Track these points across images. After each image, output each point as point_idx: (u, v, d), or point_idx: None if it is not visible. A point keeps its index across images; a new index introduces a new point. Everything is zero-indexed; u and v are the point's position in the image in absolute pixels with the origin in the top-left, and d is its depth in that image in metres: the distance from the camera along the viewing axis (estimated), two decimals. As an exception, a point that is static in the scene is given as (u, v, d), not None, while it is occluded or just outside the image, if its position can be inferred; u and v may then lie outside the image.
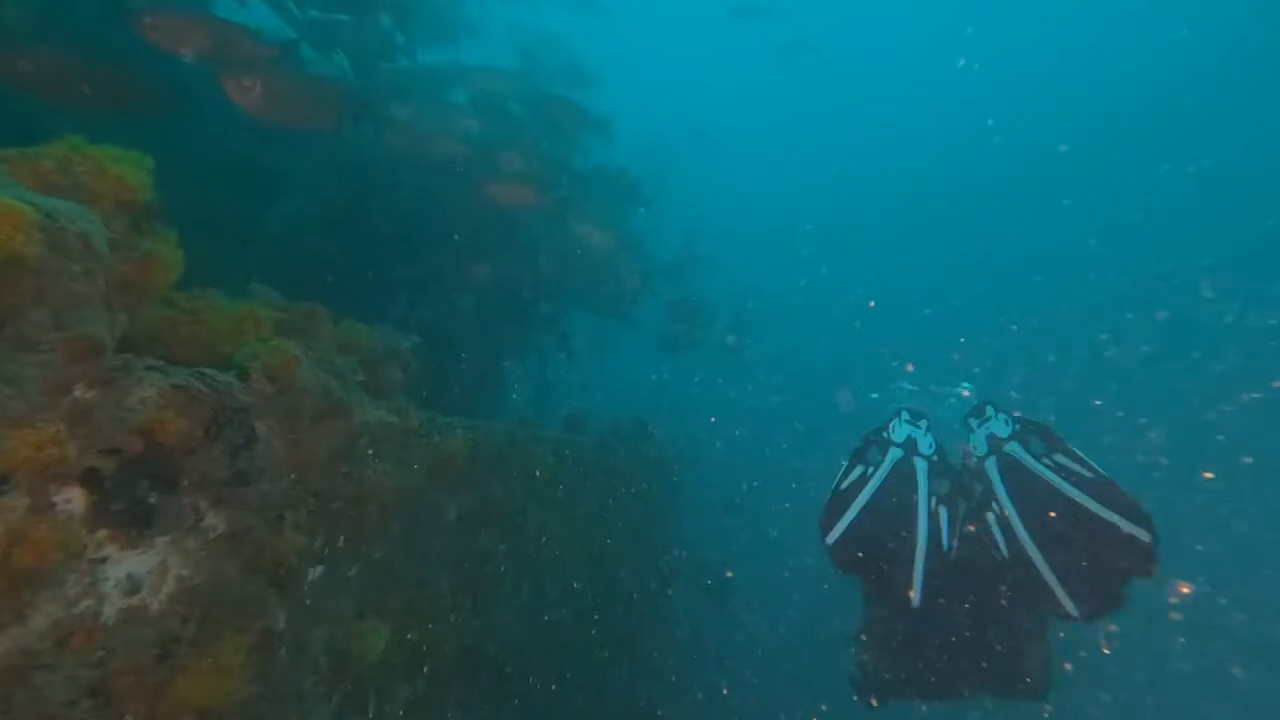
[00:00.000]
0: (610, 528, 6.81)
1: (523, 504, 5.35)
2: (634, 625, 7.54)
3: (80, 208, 1.99)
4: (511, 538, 5.26)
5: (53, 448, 2.09)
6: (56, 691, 2.20)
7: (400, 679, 4.09)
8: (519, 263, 7.21)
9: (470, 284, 6.99)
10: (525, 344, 8.53)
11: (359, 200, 5.81)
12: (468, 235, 6.68)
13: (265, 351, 2.95)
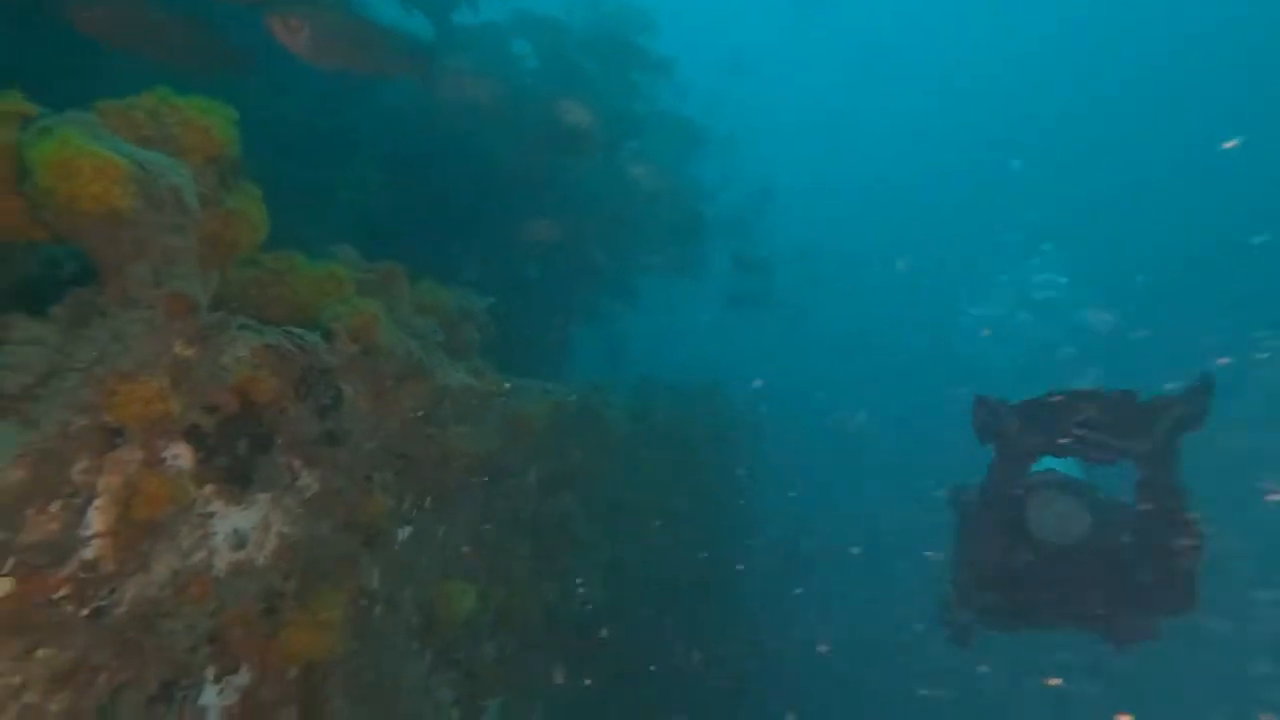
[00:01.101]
0: (684, 491, 6.76)
1: (598, 468, 5.33)
2: (708, 590, 7.52)
3: (171, 161, 1.98)
4: (588, 501, 5.27)
5: (159, 403, 2.14)
6: (180, 638, 2.30)
7: (487, 638, 4.19)
8: (581, 218, 7.10)
9: (535, 244, 6.94)
10: (592, 307, 8.48)
11: (426, 163, 5.82)
12: (530, 193, 6.61)
13: (347, 312, 2.96)
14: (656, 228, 7.64)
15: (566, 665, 5.00)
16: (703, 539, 7.17)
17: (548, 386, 4.56)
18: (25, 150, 1.71)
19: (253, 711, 2.66)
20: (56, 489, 1.99)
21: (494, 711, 4.18)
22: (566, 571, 5.03)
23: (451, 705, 3.64)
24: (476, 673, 3.98)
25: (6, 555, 1.85)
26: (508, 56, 6.34)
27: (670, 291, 10.18)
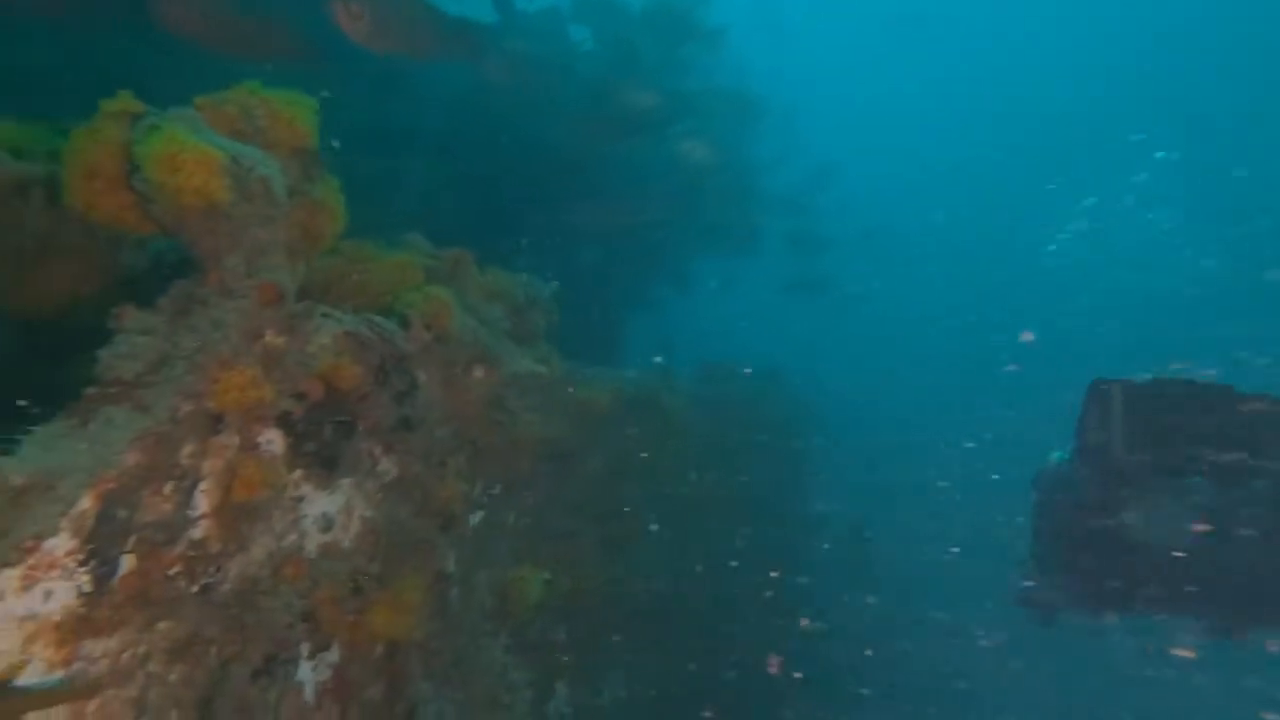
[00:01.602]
0: (744, 477, 6.69)
1: (660, 454, 5.33)
2: (770, 574, 7.45)
3: (260, 153, 2.05)
4: (650, 488, 5.28)
5: (254, 389, 2.23)
6: (278, 616, 2.42)
7: (558, 622, 4.26)
8: (634, 201, 7.06)
9: (588, 228, 6.95)
10: (646, 292, 8.45)
11: (483, 149, 5.90)
12: (584, 177, 6.60)
13: (420, 299, 3.02)
14: (710, 207, 7.53)
15: (632, 650, 5.05)
16: (765, 525, 7.10)
17: (611, 373, 4.58)
18: (135, 147, 1.80)
19: (344, 687, 2.78)
20: (168, 472, 2.11)
21: (562, 694, 4.26)
22: (631, 557, 5.07)
23: (526, 687, 3.73)
24: (548, 656, 4.06)
25: (128, 534, 1.98)
26: (565, 40, 6.34)
27: (725, 276, 10.05)
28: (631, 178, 6.85)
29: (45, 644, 1.74)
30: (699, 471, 5.91)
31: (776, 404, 7.74)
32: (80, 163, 1.83)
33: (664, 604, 5.47)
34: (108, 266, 2.34)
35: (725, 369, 7.16)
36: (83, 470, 1.83)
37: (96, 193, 1.86)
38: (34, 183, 2.04)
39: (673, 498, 5.54)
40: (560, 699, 4.20)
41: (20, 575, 1.67)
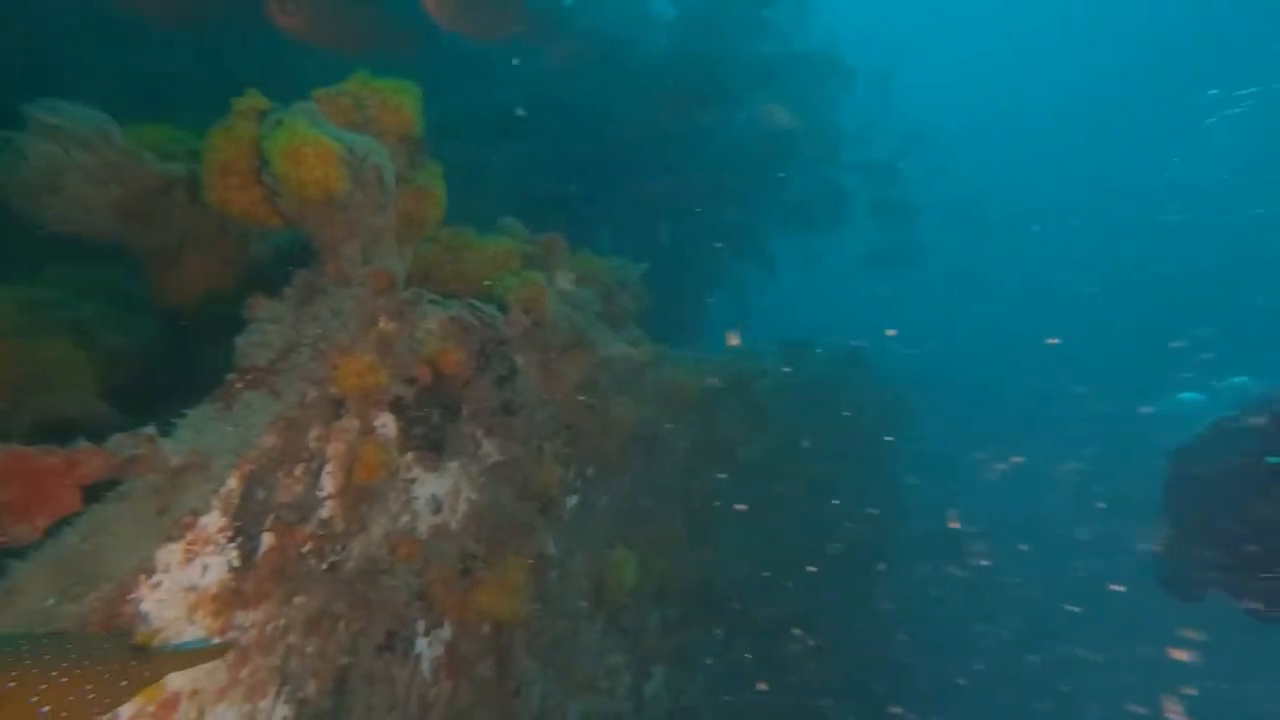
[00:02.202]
0: (831, 461, 6.51)
1: (747, 437, 5.25)
2: (857, 561, 7.26)
3: (373, 142, 2.10)
4: (737, 472, 5.21)
5: (371, 375, 2.32)
6: (397, 593, 2.53)
7: (651, 607, 4.28)
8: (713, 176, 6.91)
9: (666, 206, 6.87)
10: (725, 271, 8.31)
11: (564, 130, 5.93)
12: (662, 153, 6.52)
13: (518, 284, 3.06)
14: (794, 178, 7.28)
15: (723, 636, 5.03)
16: (852, 510, 6.90)
17: (699, 355, 4.52)
18: (263, 142, 1.88)
19: (456, 663, 2.90)
20: (298, 454, 2.23)
21: (659, 678, 4.29)
22: (719, 543, 5.03)
23: (624, 671, 3.78)
24: (643, 640, 4.10)
25: (267, 512, 2.11)
26: (643, 13, 6.26)
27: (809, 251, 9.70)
28: (712, 151, 6.71)
29: (205, 613, 1.87)
30: (787, 455, 5.78)
31: (864, 385, 7.47)
32: (216, 160, 1.93)
33: (753, 590, 5.42)
34: (237, 259, 2.48)
35: (809, 349, 6.96)
36: (229, 452, 1.95)
37: (231, 188, 1.96)
38: (177, 182, 2.18)
39: (761, 482, 5.45)
40: (657, 682, 4.23)
41: (183, 549, 1.80)
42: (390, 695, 2.47)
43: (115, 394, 2.69)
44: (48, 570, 1.56)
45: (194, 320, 2.54)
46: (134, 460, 1.71)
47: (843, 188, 7.84)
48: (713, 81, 5.72)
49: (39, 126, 1.83)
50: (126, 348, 2.67)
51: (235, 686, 1.96)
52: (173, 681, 1.77)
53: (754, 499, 5.47)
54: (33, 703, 1.17)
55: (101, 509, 1.70)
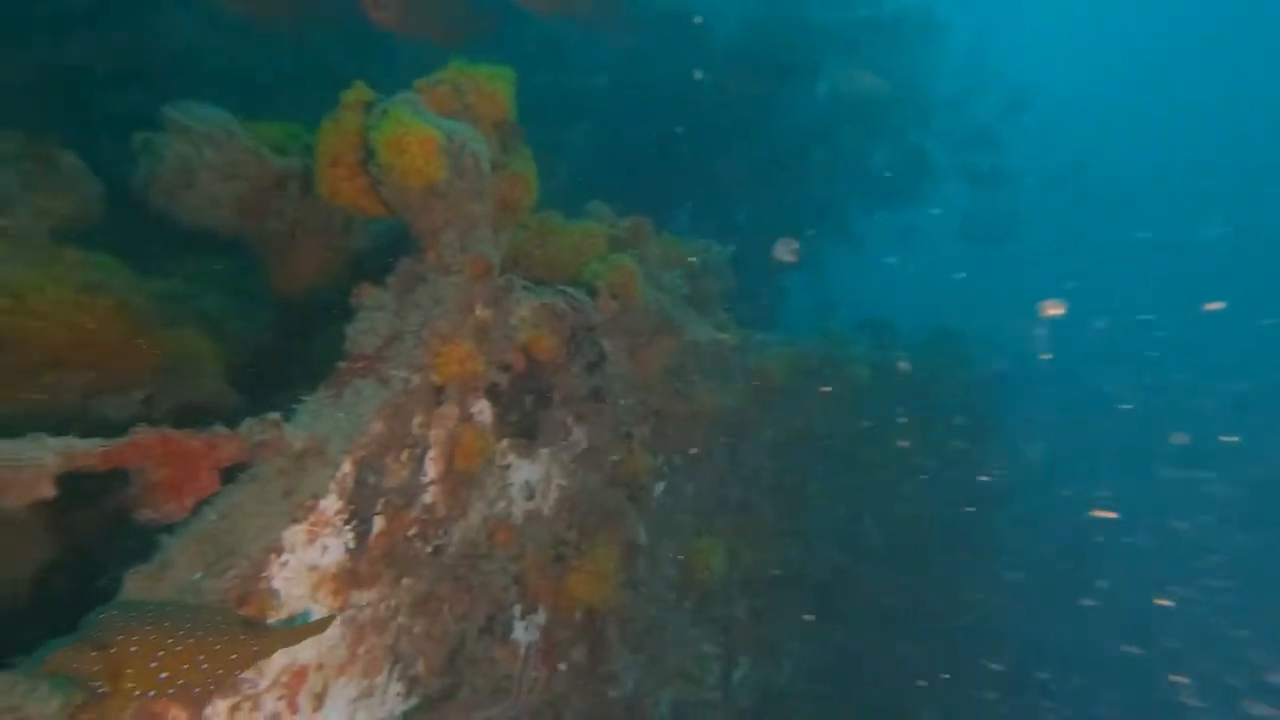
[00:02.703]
0: (926, 447, 6.22)
1: (837, 423, 5.08)
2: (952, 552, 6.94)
3: (470, 129, 2.12)
4: (826, 459, 5.07)
5: (470, 362, 2.36)
6: (496, 578, 2.59)
7: (739, 596, 4.24)
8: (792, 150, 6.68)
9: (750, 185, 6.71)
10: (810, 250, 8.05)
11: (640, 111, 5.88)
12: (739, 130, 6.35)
13: (607, 269, 3.04)
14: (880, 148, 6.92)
15: (811, 624, 4.92)
16: (948, 500, 6.59)
17: (786, 339, 4.39)
18: (369, 133, 1.93)
19: (551, 648, 2.95)
20: (403, 440, 2.31)
21: (746, 667, 4.25)
22: (807, 532, 4.91)
23: (714, 660, 3.76)
24: (731, 630, 4.06)
25: (377, 497, 2.19)
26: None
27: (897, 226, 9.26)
28: (791, 125, 6.48)
29: (325, 592, 1.97)
30: (878, 442, 5.57)
31: (959, 368, 7.08)
32: (326, 151, 1.99)
33: (840, 580, 5.27)
34: (341, 248, 2.58)
35: (897, 331, 6.66)
36: (343, 437, 2.04)
37: (339, 179, 2.03)
38: (292, 176, 2.28)
39: (850, 469, 5.27)
40: (744, 671, 4.19)
41: (306, 531, 1.90)
42: (492, 677, 2.54)
43: (234, 378, 2.88)
44: (193, 546, 1.67)
45: (303, 308, 2.67)
46: (262, 445, 1.81)
47: (930, 157, 7.39)
48: (790, 51, 5.49)
49: (174, 127, 1.95)
50: (244, 335, 2.85)
51: (354, 662, 2.05)
52: (302, 655, 1.87)
53: (845, 488, 5.31)
54: (152, 667, 1.26)
55: (235, 490, 1.80)
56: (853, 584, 5.42)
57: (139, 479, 1.59)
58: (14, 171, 2.30)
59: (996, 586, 7.53)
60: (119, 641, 1.24)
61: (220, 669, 1.36)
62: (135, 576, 1.60)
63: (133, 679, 1.25)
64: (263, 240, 2.39)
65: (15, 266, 2.15)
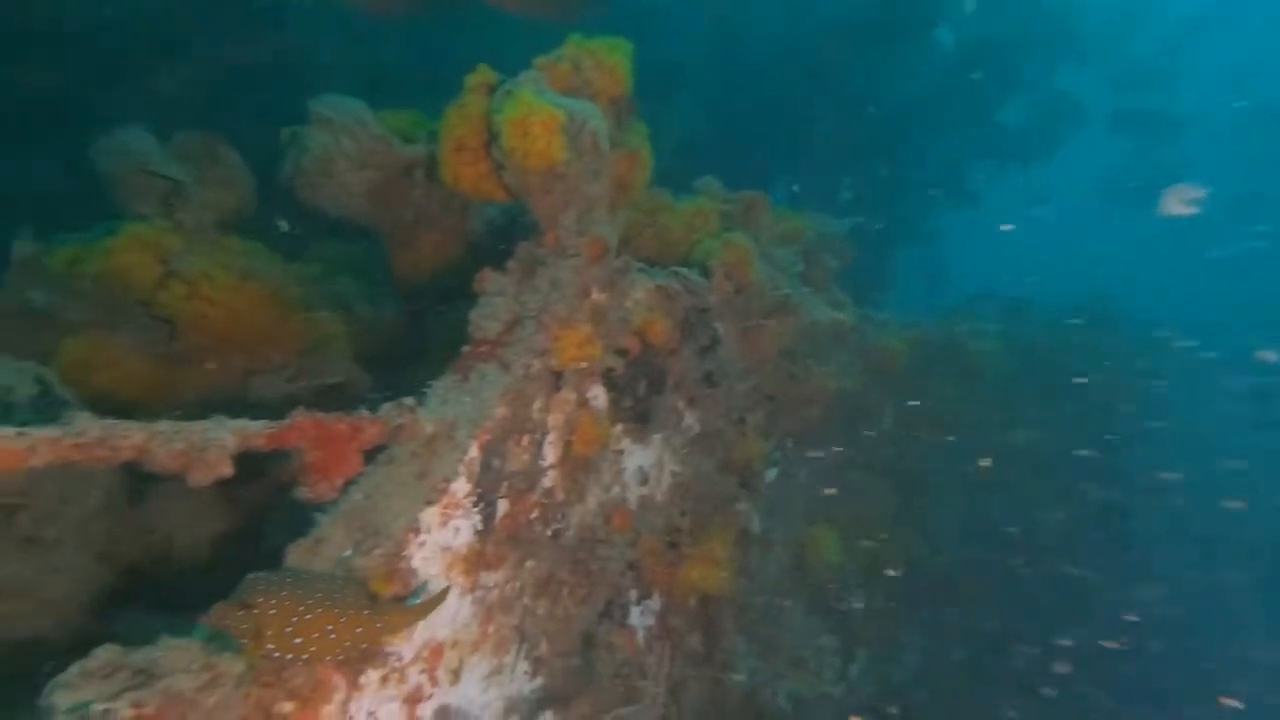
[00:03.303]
0: (1063, 431, 5.71)
1: (962, 406, 4.75)
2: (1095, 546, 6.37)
3: (590, 106, 2.10)
4: (950, 444, 4.76)
5: (588, 346, 2.37)
6: (612, 563, 2.62)
7: (856, 585, 4.09)
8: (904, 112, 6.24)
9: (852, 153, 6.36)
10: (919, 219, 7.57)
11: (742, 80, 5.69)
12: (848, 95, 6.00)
13: (720, 248, 2.96)
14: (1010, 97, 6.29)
15: (933, 618, 4.69)
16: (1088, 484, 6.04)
17: (909, 318, 4.13)
18: (493, 115, 1.95)
19: (667, 634, 2.97)
20: (524, 425, 2.36)
21: (864, 662, 4.11)
22: (930, 522, 4.66)
23: (832, 652, 3.66)
24: (849, 622, 3.93)
25: (501, 480, 2.26)
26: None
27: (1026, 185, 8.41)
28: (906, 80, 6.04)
29: (458, 572, 2.06)
30: (1008, 426, 5.17)
31: (1100, 346, 6.42)
32: (450, 136, 2.04)
33: (967, 574, 4.98)
34: (459, 234, 2.66)
35: (1029, 306, 6.11)
36: (469, 421, 2.11)
37: (462, 164, 2.07)
38: (417, 163, 2.37)
39: (976, 456, 4.93)
40: (861, 664, 4.05)
41: (439, 512, 1.98)
42: (611, 661, 2.58)
43: (361, 359, 3.08)
44: (342, 524, 1.79)
45: (423, 291, 2.79)
46: (399, 429, 1.89)
47: (1077, 102, 6.61)
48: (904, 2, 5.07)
49: (317, 119, 2.06)
50: (371, 317, 3.03)
51: (485, 641, 2.14)
52: (439, 632, 1.97)
53: (969, 475, 4.98)
54: (287, 631, 1.35)
55: (376, 471, 1.91)
56: (980, 578, 5.11)
57: (297, 460, 1.71)
58: (191, 169, 2.54)
59: (1143, 593, 6.86)
60: (260, 603, 1.35)
61: (347, 640, 1.45)
62: (295, 550, 1.73)
63: (272, 639, 1.35)
64: (389, 227, 2.50)
65: (190, 257, 2.38)
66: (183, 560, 2.64)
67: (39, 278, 2.65)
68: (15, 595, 2.08)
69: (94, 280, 2.61)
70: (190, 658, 1.46)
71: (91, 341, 2.63)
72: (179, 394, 2.78)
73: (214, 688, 1.43)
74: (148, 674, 1.42)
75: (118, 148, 2.66)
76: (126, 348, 2.66)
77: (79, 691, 1.38)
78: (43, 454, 1.32)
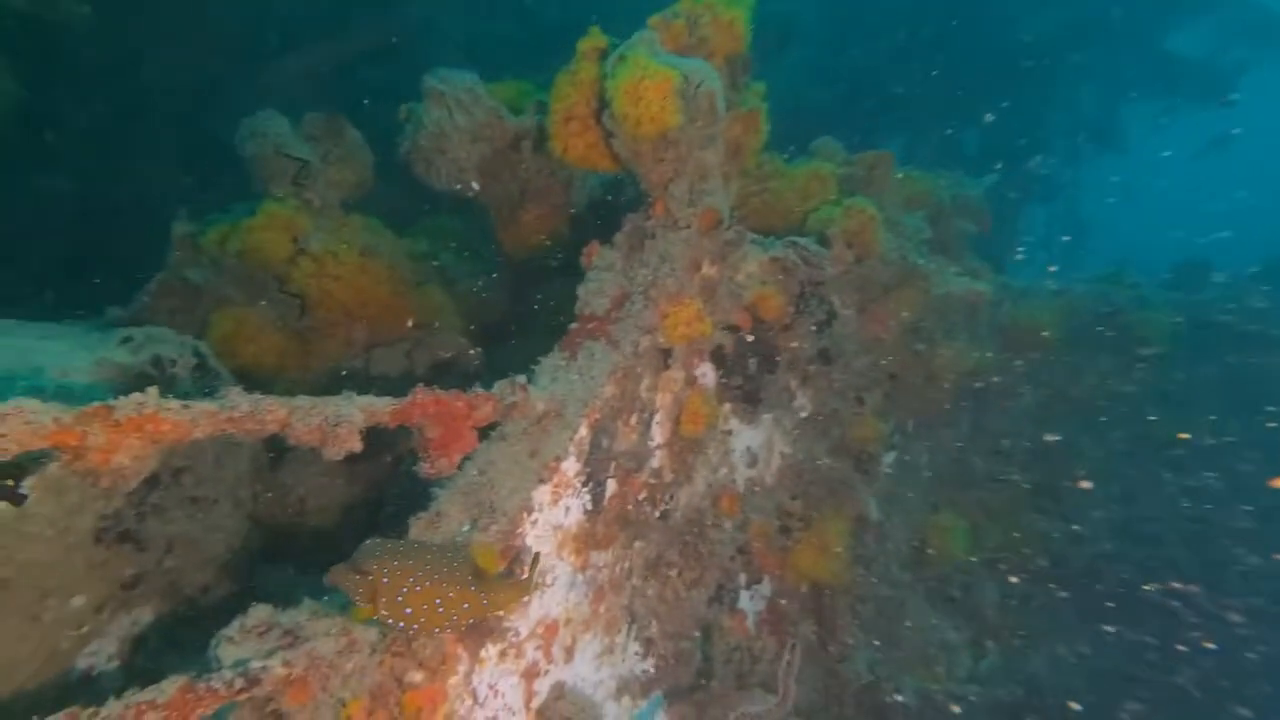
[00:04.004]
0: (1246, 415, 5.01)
1: (1118, 385, 4.28)
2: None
3: (706, 66, 2.00)
4: (1102, 427, 4.32)
5: (699, 323, 2.31)
6: (724, 546, 2.59)
7: (985, 579, 3.83)
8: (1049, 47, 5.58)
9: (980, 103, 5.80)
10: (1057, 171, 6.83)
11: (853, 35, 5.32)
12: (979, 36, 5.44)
13: (842, 215, 2.78)
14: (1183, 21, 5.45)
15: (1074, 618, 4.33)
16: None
17: (1063, 286, 3.74)
18: (606, 81, 1.91)
19: (778, 621, 2.91)
20: (632, 404, 2.35)
21: (995, 658, 3.86)
22: (1072, 511, 4.27)
23: (961, 648, 3.46)
24: (976, 615, 3.70)
25: (610, 460, 2.27)
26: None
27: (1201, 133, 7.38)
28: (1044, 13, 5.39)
29: (569, 551, 2.09)
30: (1170, 408, 4.61)
31: None
32: (561, 106, 2.02)
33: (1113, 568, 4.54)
34: (562, 206, 2.66)
35: (1205, 271, 5.35)
36: (579, 400, 2.12)
37: (571, 135, 2.05)
38: (525, 135, 2.38)
39: (1135, 443, 4.45)
40: (992, 660, 3.81)
41: (551, 491, 2.02)
42: (723, 645, 2.56)
43: (468, 333, 3.19)
44: (459, 499, 1.85)
45: (526, 264, 2.83)
46: (512, 406, 1.93)
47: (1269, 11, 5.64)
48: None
49: (431, 94, 2.11)
50: (477, 290, 3.13)
51: (596, 619, 2.18)
52: (553, 610, 2.02)
53: (1121, 459, 4.51)
54: (398, 601, 1.40)
55: (490, 448, 1.96)
56: (1127, 573, 4.65)
57: (418, 436, 1.79)
58: (317, 149, 2.70)
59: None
60: (375, 570, 1.42)
61: (455, 613, 1.50)
62: (417, 523, 1.82)
63: (385, 606, 1.42)
64: (496, 200, 2.54)
65: (318, 235, 2.55)
66: (315, 521, 2.89)
67: (195, 256, 2.94)
68: (184, 551, 2.34)
69: (238, 257, 2.85)
70: (330, 623, 1.57)
71: (237, 316, 2.89)
72: (310, 366, 3.00)
73: (352, 652, 1.54)
74: (294, 635, 1.55)
75: (257, 129, 2.87)
76: (266, 322, 2.91)
77: (239, 647, 1.53)
78: (204, 427, 1.44)
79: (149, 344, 2.48)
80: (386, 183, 3.09)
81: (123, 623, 2.22)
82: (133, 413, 1.28)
